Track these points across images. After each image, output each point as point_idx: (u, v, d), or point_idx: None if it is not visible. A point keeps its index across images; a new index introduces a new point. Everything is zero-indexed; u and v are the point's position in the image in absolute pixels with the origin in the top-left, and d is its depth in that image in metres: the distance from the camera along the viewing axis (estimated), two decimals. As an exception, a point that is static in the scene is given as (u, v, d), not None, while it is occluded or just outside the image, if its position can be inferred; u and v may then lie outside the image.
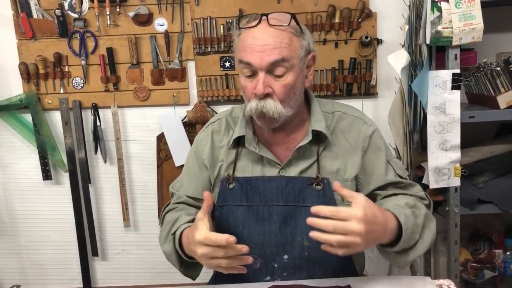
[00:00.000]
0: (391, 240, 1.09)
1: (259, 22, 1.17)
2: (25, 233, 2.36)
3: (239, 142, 1.31)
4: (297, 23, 1.19)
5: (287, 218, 1.26)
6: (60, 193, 2.28)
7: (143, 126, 2.20)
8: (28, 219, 2.34)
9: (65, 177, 2.25)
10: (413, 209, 1.16)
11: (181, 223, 1.21)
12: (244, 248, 1.02)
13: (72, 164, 2.21)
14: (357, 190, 1.30)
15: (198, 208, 1.29)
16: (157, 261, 2.28)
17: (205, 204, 1.10)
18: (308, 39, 1.22)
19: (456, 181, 1.74)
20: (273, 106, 1.16)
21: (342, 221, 0.96)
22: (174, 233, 1.19)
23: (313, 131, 1.25)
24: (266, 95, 1.16)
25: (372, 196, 1.30)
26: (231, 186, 1.29)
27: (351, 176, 1.27)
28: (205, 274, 1.37)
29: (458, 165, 1.73)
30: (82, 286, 2.35)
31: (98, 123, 2.18)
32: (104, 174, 2.27)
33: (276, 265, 1.26)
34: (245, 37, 1.17)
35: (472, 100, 1.95)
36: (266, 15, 1.17)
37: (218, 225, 1.32)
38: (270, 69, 1.15)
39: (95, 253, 2.30)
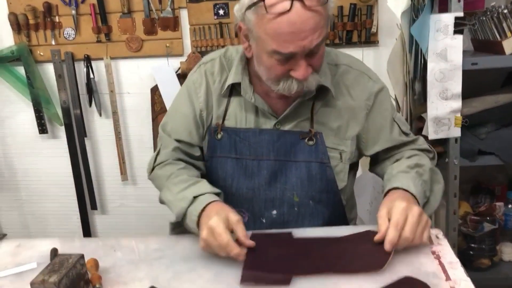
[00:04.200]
0: None
1: (292, 4, 0.98)
2: (25, 187, 2.37)
3: (231, 89, 1.23)
4: None
5: (277, 173, 1.21)
6: (57, 147, 2.27)
7: (137, 78, 2.16)
8: (27, 173, 2.35)
9: (61, 131, 2.24)
10: (416, 169, 1.15)
11: (205, 189, 1.12)
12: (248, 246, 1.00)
13: (68, 118, 2.19)
14: (359, 150, 1.25)
15: (189, 154, 1.27)
16: (156, 214, 2.28)
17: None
18: None
19: (456, 132, 1.67)
20: (314, 81, 1.09)
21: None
22: (197, 197, 1.09)
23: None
24: None
25: (375, 155, 1.27)
26: (219, 136, 1.23)
27: (352, 135, 1.21)
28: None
29: (458, 114, 1.66)
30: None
31: (91, 76, 2.14)
32: (99, 128, 2.24)
33: (264, 221, 1.24)
34: (277, 24, 0.99)
35: (478, 48, 1.85)
36: None
37: (208, 177, 1.28)
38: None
39: (94, 206, 2.31)
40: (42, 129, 2.23)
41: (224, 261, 1.03)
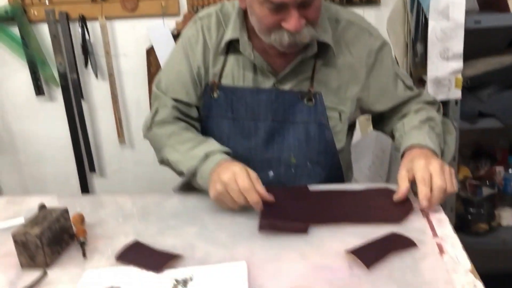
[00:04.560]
0: None
1: None
2: (23, 149, 2.37)
3: (228, 46, 1.17)
4: None
5: (275, 134, 1.19)
6: (54, 109, 2.25)
7: (133, 40, 2.11)
8: (25, 136, 2.34)
9: (58, 93, 2.21)
10: (428, 123, 1.14)
11: (216, 147, 1.10)
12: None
13: (64, 80, 2.16)
14: (362, 110, 1.23)
15: (187, 114, 1.23)
16: (154, 178, 2.28)
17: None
18: None
19: (456, 93, 1.63)
20: (307, 35, 1.04)
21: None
22: (209, 155, 1.08)
23: (318, 42, 1.11)
24: None
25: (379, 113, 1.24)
26: (215, 95, 1.19)
27: (352, 94, 1.17)
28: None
29: (459, 75, 1.61)
30: (82, 201, 2.39)
31: (87, 37, 2.10)
32: (96, 90, 2.22)
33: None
34: None
35: (483, 6, 1.77)
36: None
37: None
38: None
39: (92, 169, 2.31)
40: (39, 91, 2.21)
41: (209, 218, 1.03)
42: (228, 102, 1.19)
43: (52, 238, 0.90)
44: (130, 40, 2.12)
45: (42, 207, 1.12)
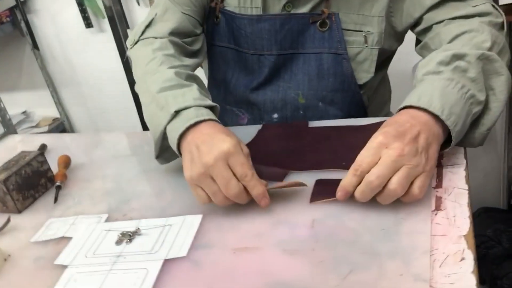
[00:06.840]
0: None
1: None
2: (85, 82, 2.43)
3: None
4: None
5: (280, 69, 1.02)
6: (104, 41, 2.24)
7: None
8: (84, 69, 2.38)
9: (106, 24, 2.18)
10: (455, 64, 0.74)
11: (192, 96, 0.78)
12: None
13: (109, 10, 2.12)
14: (391, 28, 0.97)
15: (193, 32, 1.02)
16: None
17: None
18: None
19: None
20: None
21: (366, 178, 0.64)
22: (180, 111, 0.76)
23: None
24: None
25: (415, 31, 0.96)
26: (217, 20, 1.05)
27: (380, 8, 0.94)
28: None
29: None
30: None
31: (124, -38, 2.00)
32: (140, 18, 2.15)
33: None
34: None
35: None
36: None
37: (210, 69, 1.14)
38: None
39: (147, 100, 2.31)
40: (88, 23, 2.20)
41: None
42: (230, 30, 1.04)
43: (22, 183, 0.88)
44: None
45: (43, 147, 1.11)
